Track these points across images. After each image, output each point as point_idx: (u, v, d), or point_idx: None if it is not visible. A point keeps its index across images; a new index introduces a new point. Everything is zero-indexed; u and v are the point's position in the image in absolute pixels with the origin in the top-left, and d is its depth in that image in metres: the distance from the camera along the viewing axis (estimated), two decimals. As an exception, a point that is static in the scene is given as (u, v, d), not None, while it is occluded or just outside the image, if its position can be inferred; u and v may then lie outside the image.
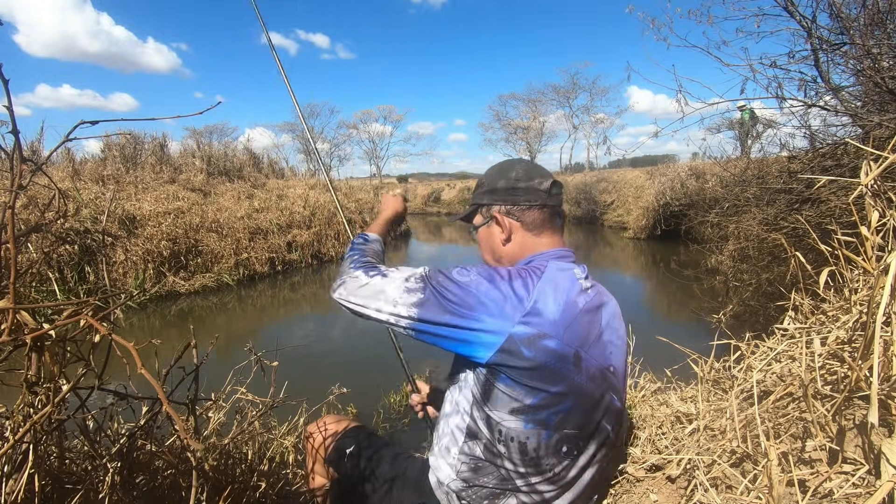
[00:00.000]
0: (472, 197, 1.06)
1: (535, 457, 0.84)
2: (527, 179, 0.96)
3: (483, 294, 0.80)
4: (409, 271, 0.88)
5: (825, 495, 0.64)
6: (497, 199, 0.97)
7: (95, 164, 8.38)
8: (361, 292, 0.88)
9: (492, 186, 0.99)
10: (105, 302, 1.13)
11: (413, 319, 0.83)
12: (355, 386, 3.16)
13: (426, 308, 0.82)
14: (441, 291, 0.82)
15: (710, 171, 8.30)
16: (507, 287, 0.81)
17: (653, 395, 1.55)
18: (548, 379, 0.80)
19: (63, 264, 5.52)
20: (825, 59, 2.78)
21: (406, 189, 25.41)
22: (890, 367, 0.71)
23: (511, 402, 0.81)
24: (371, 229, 1.17)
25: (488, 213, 0.99)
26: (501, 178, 0.98)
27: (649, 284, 7.06)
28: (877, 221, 1.00)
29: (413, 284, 0.85)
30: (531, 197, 0.95)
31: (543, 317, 0.79)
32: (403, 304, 0.83)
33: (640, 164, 19.33)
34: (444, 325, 0.81)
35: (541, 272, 0.86)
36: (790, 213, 2.70)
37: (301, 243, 8.50)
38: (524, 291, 0.81)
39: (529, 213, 0.95)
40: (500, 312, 0.79)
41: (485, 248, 1.03)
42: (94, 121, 0.73)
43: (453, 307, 0.80)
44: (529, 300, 0.80)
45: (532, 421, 0.82)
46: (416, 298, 0.83)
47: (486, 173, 1.03)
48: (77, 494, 0.79)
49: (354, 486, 1.08)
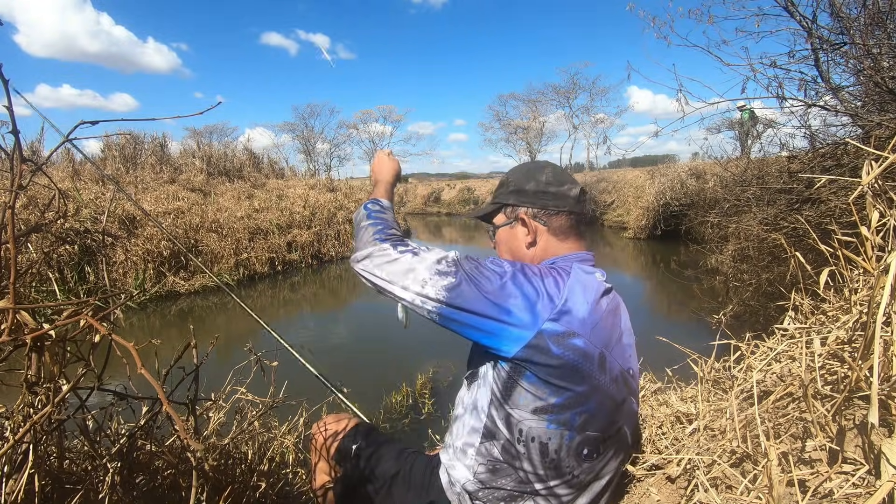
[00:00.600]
0: (495, 195, 1.02)
1: (555, 458, 0.83)
2: (557, 184, 0.95)
3: (518, 287, 0.79)
4: (440, 253, 0.85)
5: (825, 495, 0.64)
6: (525, 200, 0.95)
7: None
8: (390, 268, 0.84)
9: (519, 187, 0.96)
10: (105, 302, 1.13)
11: (441, 303, 0.80)
12: (356, 386, 3.16)
13: (457, 293, 0.79)
14: (475, 278, 0.80)
15: (711, 171, 8.30)
16: (540, 283, 0.80)
17: (653, 395, 1.55)
18: (574, 378, 0.79)
19: (63, 264, 5.52)
20: (825, 59, 2.78)
21: (406, 189, 25.39)
22: (890, 367, 0.71)
23: (535, 400, 0.80)
24: (380, 194, 1.09)
25: (513, 214, 0.97)
26: (531, 180, 0.96)
27: (649, 284, 7.06)
28: (877, 221, 1.00)
29: (445, 267, 0.82)
30: (560, 203, 0.94)
31: (573, 315, 0.79)
32: (433, 286, 0.80)
33: (641, 164, 19.34)
34: (474, 313, 0.78)
35: (568, 273, 0.85)
36: (790, 213, 2.70)
37: (301, 243, 8.50)
38: (556, 289, 0.80)
39: (557, 219, 0.94)
40: (533, 307, 0.78)
41: (504, 249, 1.01)
42: (94, 121, 0.73)
43: (486, 295, 0.78)
44: (560, 298, 0.79)
45: (555, 421, 0.81)
46: (447, 282, 0.80)
47: (513, 173, 1.01)
48: (77, 494, 0.79)
49: (357, 484, 1.08)
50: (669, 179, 10.26)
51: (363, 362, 3.91)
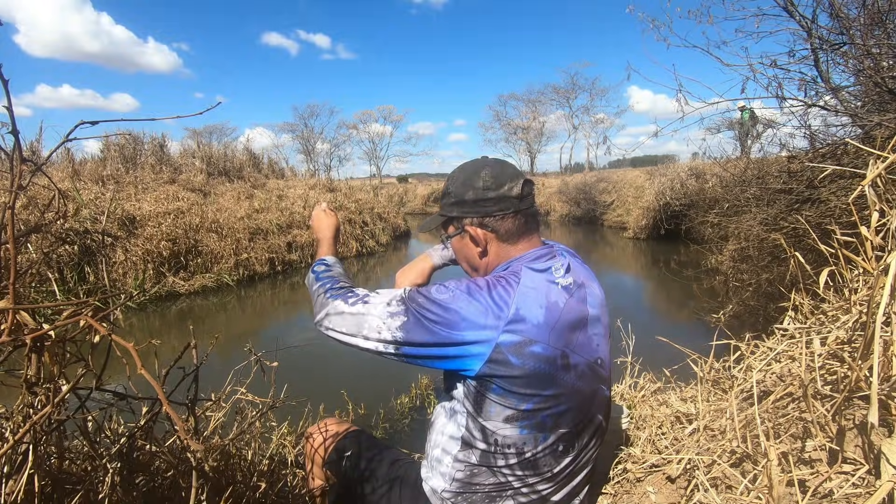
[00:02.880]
0: (441, 206, 0.99)
1: (532, 460, 0.84)
2: (496, 187, 0.90)
3: (463, 308, 0.79)
4: (388, 294, 0.87)
5: (825, 495, 0.64)
6: (467, 211, 0.92)
7: (95, 165, 8.38)
8: (345, 322, 0.87)
9: (459, 198, 0.93)
10: (105, 302, 1.13)
11: (399, 344, 0.82)
12: (356, 386, 3.16)
13: (410, 331, 0.81)
14: (422, 313, 0.81)
15: (710, 171, 8.30)
16: (487, 297, 0.80)
17: (653, 395, 1.55)
18: (540, 383, 0.80)
19: (63, 264, 5.52)
20: (825, 59, 2.78)
21: (406, 189, 25.37)
22: (890, 367, 0.71)
23: (504, 410, 0.81)
24: (323, 252, 1.13)
25: (460, 226, 0.95)
26: (469, 189, 0.92)
27: (649, 284, 7.06)
28: (877, 221, 1.00)
29: (395, 308, 0.83)
30: (503, 206, 0.90)
31: (527, 322, 0.79)
32: (388, 329, 0.82)
33: (640, 164, 19.34)
34: (430, 345, 0.80)
35: (518, 277, 0.84)
36: (790, 214, 2.70)
37: (301, 243, 8.50)
38: (504, 300, 0.80)
39: (503, 223, 0.91)
40: (483, 324, 0.78)
41: (460, 258, 1.02)
42: (94, 121, 0.73)
43: (436, 327, 0.80)
44: (510, 308, 0.79)
45: (527, 426, 0.82)
46: (399, 322, 0.82)
47: (452, 181, 0.96)
48: (77, 495, 0.79)
49: (352, 488, 1.08)
50: (669, 179, 10.26)
51: (362, 364, 3.91)
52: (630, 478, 1.07)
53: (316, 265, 1.07)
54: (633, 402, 1.52)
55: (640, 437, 1.22)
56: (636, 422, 1.33)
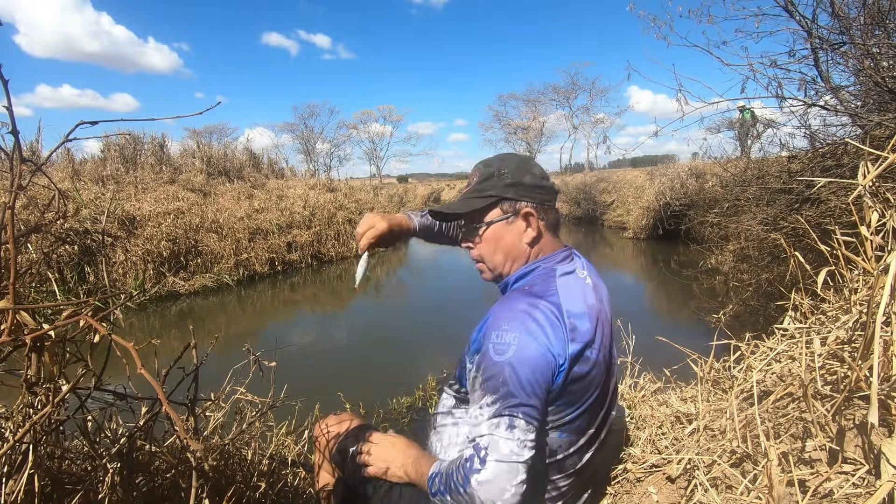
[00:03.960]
0: (485, 187, 0.92)
1: (561, 460, 0.86)
2: (547, 179, 0.93)
3: (541, 345, 0.76)
4: (486, 424, 0.75)
5: (825, 495, 0.64)
6: (524, 194, 0.90)
7: (95, 165, 8.38)
8: (502, 483, 0.72)
9: (517, 179, 0.90)
10: (105, 302, 1.13)
11: (536, 432, 0.75)
12: (356, 385, 3.16)
13: (533, 418, 0.75)
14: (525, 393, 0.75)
15: (710, 171, 8.30)
16: (546, 317, 0.79)
17: (653, 395, 1.55)
18: (588, 388, 0.82)
19: (63, 264, 5.52)
20: (825, 59, 2.78)
21: (406, 189, 25.36)
22: (890, 367, 0.71)
23: (554, 419, 0.82)
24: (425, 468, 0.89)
25: (513, 209, 0.90)
26: (526, 173, 0.91)
27: (649, 284, 7.06)
28: (876, 222, 1.00)
29: (508, 421, 0.74)
30: (552, 198, 0.93)
31: (580, 330, 0.80)
32: (527, 439, 0.74)
33: (640, 164, 19.36)
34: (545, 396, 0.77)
35: (552, 282, 0.84)
36: (790, 213, 2.70)
37: (301, 244, 8.50)
38: (559, 312, 0.80)
39: (551, 215, 0.93)
40: (559, 343, 0.78)
41: (492, 247, 0.93)
42: (94, 121, 0.73)
43: (540, 387, 0.76)
44: (565, 318, 0.80)
45: (568, 430, 0.84)
46: (522, 426, 0.74)
47: (505, 163, 0.93)
48: (77, 495, 0.79)
49: (358, 485, 1.08)
50: (669, 179, 10.26)
51: (363, 362, 3.91)
52: (630, 478, 1.07)
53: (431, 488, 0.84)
54: (633, 402, 1.52)
55: (640, 437, 1.22)
56: (636, 422, 1.33)
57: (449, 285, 7.43)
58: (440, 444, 0.98)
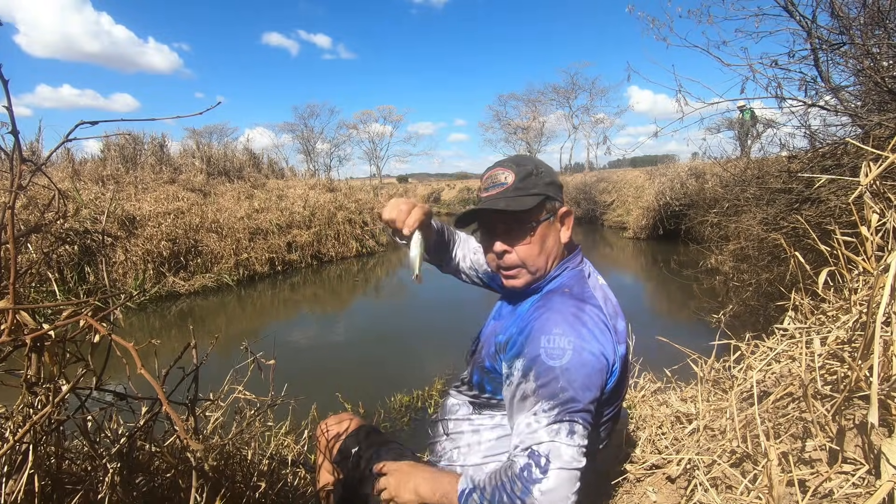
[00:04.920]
0: (528, 184, 0.86)
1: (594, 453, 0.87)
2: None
3: (595, 348, 0.77)
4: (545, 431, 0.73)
5: (825, 495, 0.64)
6: (560, 195, 0.90)
7: (95, 165, 8.39)
8: (566, 490, 0.71)
9: (553, 179, 0.89)
10: (105, 302, 1.13)
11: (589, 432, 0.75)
12: (356, 385, 3.16)
13: (589, 422, 0.75)
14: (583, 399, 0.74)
15: (710, 171, 8.30)
16: (594, 319, 0.80)
17: (653, 395, 1.55)
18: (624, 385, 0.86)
19: (63, 264, 5.52)
20: (825, 59, 2.78)
21: (406, 190, 25.38)
22: (890, 367, 0.71)
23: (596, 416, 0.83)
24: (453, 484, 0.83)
25: (553, 209, 0.88)
26: (554, 174, 0.91)
27: (649, 284, 7.06)
28: (876, 222, 1.00)
29: (568, 427, 0.73)
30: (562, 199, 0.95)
31: (619, 331, 0.84)
32: (584, 443, 0.74)
33: (640, 164, 19.36)
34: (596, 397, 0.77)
35: (584, 284, 0.87)
36: (790, 213, 2.70)
37: (301, 243, 8.50)
38: (602, 314, 0.82)
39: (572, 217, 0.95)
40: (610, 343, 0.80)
41: (539, 248, 0.88)
42: (94, 121, 0.73)
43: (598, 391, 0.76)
44: (608, 320, 0.82)
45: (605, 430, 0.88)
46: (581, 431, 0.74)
47: (534, 162, 0.91)
48: (77, 495, 0.79)
49: (357, 485, 1.08)
50: (669, 179, 10.27)
51: (363, 362, 3.91)
52: (630, 478, 1.07)
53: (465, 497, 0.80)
54: (633, 402, 1.52)
55: (640, 437, 1.22)
56: (636, 422, 1.33)
57: (449, 285, 7.42)
58: (457, 450, 0.97)
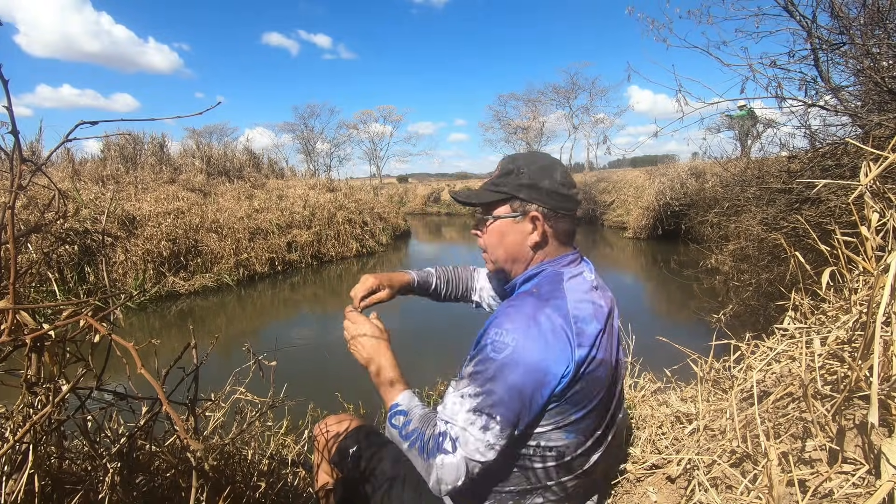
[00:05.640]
0: (500, 183, 0.93)
1: (569, 460, 0.86)
2: (569, 187, 0.91)
3: (534, 352, 0.76)
4: (466, 415, 0.78)
5: (825, 495, 0.64)
6: (537, 197, 0.90)
7: (95, 165, 8.39)
8: (459, 473, 0.77)
9: (534, 182, 0.90)
10: (105, 302, 1.13)
11: (511, 438, 0.78)
12: (356, 384, 3.16)
13: (511, 424, 0.77)
14: (508, 401, 0.75)
15: (711, 171, 8.30)
16: (549, 323, 0.78)
17: (653, 395, 1.55)
18: (594, 389, 0.82)
19: (63, 264, 5.52)
20: (825, 59, 2.78)
21: (406, 189, 25.36)
22: (890, 367, 0.71)
23: (558, 418, 0.82)
24: (394, 393, 0.95)
25: (522, 209, 0.90)
26: (546, 177, 0.90)
27: (649, 284, 7.06)
28: (876, 222, 1.00)
29: (484, 422, 0.76)
30: (569, 206, 0.91)
31: (587, 333, 0.80)
32: (498, 443, 0.77)
33: (640, 164, 19.37)
34: (534, 410, 0.78)
35: (559, 286, 0.84)
36: (790, 213, 2.70)
37: (301, 243, 8.50)
38: (565, 317, 0.79)
39: (563, 223, 0.92)
40: (560, 352, 0.77)
41: (496, 241, 0.94)
42: (94, 121, 0.73)
43: (527, 398, 0.76)
44: (571, 323, 0.79)
45: (575, 431, 0.84)
46: (496, 431, 0.76)
47: (527, 163, 0.92)
48: (77, 494, 0.79)
49: (357, 486, 1.08)
50: (669, 179, 10.27)
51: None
52: (630, 478, 1.07)
53: (392, 416, 0.90)
54: (633, 402, 1.52)
55: (640, 437, 1.22)
56: (636, 422, 1.33)
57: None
58: None
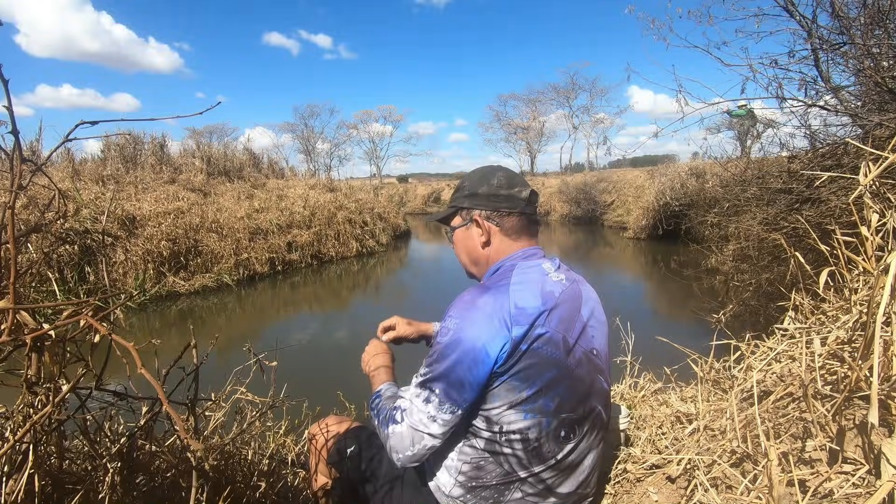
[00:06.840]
0: (452, 199, 1.09)
1: (537, 446, 0.87)
2: (508, 187, 1.01)
3: (473, 334, 0.83)
4: (414, 390, 0.90)
5: (825, 495, 0.64)
6: (478, 203, 1.01)
7: (95, 165, 8.40)
8: (406, 443, 0.89)
9: (473, 191, 1.03)
10: (105, 302, 1.13)
11: (455, 414, 0.85)
12: (356, 384, 3.16)
13: (451, 399, 0.85)
14: (447, 377, 0.84)
15: (711, 171, 8.31)
16: (486, 306, 0.85)
17: (653, 395, 1.55)
18: (542, 366, 0.84)
19: (63, 264, 5.53)
20: (825, 59, 2.78)
21: (406, 189, 25.33)
22: (890, 367, 0.71)
23: (509, 396, 0.85)
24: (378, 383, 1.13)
25: (468, 216, 1.03)
26: (483, 184, 1.02)
27: (649, 284, 7.06)
28: (876, 222, 1.00)
29: (426, 395, 0.87)
30: (511, 204, 1.00)
31: (528, 313, 0.84)
32: (439, 416, 0.85)
33: (641, 164, 19.38)
34: (472, 384, 0.84)
35: (508, 278, 0.90)
36: (790, 213, 2.70)
37: (301, 243, 8.51)
38: (503, 299, 0.85)
39: (508, 220, 1.00)
40: (496, 332, 0.83)
41: (461, 249, 1.07)
42: (94, 121, 0.73)
43: (465, 372, 0.83)
44: (510, 304, 0.85)
45: (531, 410, 0.86)
46: (436, 403, 0.85)
47: (468, 177, 1.07)
48: (77, 494, 0.79)
49: (355, 486, 1.08)
50: (669, 179, 10.28)
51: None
52: (630, 478, 1.07)
53: (371, 402, 1.07)
54: (633, 402, 1.52)
55: (640, 437, 1.22)
56: (636, 422, 1.33)
57: (450, 285, 7.43)
58: None
